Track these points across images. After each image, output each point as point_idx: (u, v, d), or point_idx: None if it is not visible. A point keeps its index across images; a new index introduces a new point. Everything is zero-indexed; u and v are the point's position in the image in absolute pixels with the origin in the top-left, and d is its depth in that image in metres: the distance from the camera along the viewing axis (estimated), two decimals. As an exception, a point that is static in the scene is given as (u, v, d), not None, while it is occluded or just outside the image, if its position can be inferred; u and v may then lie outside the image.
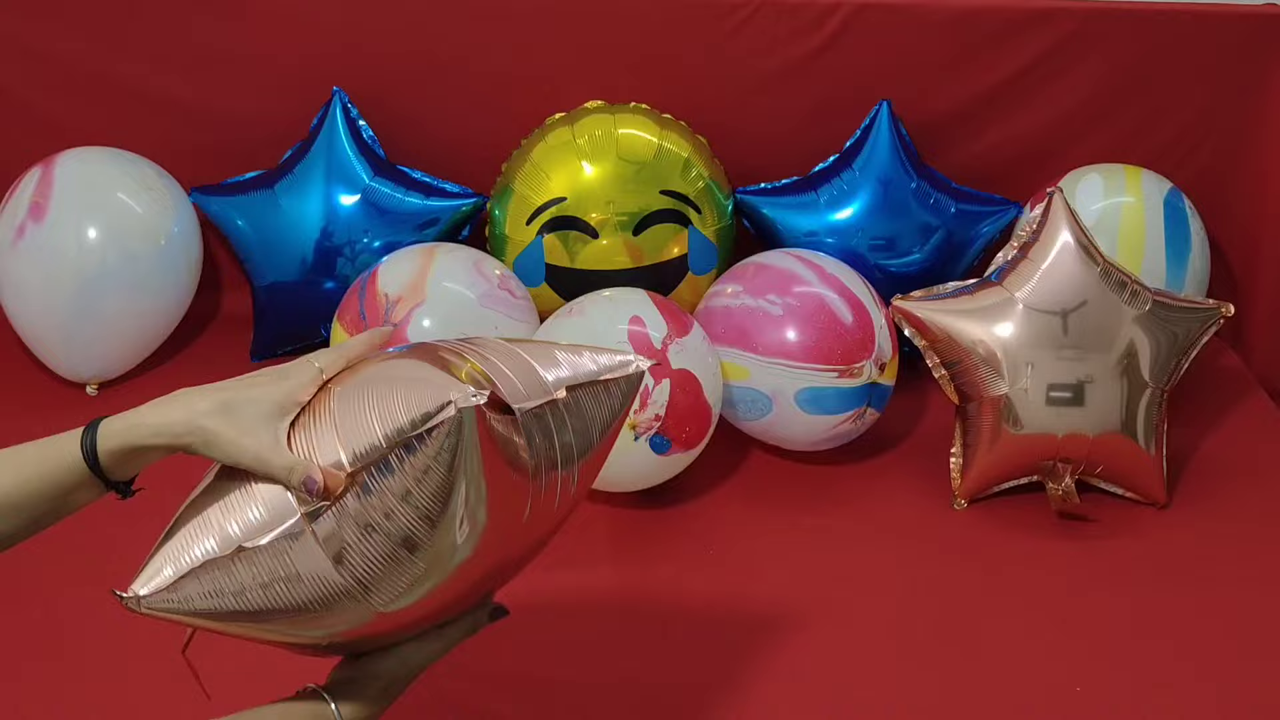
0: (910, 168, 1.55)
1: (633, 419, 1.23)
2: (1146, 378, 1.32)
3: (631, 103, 1.57)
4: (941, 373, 1.37)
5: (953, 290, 1.39)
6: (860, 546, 1.31)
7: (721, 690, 1.12)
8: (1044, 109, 1.63)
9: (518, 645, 1.16)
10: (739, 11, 1.56)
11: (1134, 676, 1.14)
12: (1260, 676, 1.15)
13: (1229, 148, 1.64)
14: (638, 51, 1.59)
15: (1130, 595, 1.24)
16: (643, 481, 1.32)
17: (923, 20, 1.57)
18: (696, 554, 1.30)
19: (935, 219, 1.55)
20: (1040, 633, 1.19)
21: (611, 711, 1.09)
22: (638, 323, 1.28)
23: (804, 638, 1.18)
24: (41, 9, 1.58)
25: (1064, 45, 1.58)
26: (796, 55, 1.58)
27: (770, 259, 1.46)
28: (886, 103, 1.55)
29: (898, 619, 1.21)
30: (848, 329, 1.35)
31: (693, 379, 1.27)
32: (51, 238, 1.45)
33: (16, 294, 1.49)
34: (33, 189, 1.48)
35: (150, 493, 0.76)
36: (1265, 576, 1.27)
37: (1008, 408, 1.32)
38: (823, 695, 1.12)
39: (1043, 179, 1.59)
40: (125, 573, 0.68)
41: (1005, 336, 1.32)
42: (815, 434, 1.38)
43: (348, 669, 0.76)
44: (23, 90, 1.62)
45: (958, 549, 1.32)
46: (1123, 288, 1.32)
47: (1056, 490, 1.32)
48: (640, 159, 1.48)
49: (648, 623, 1.20)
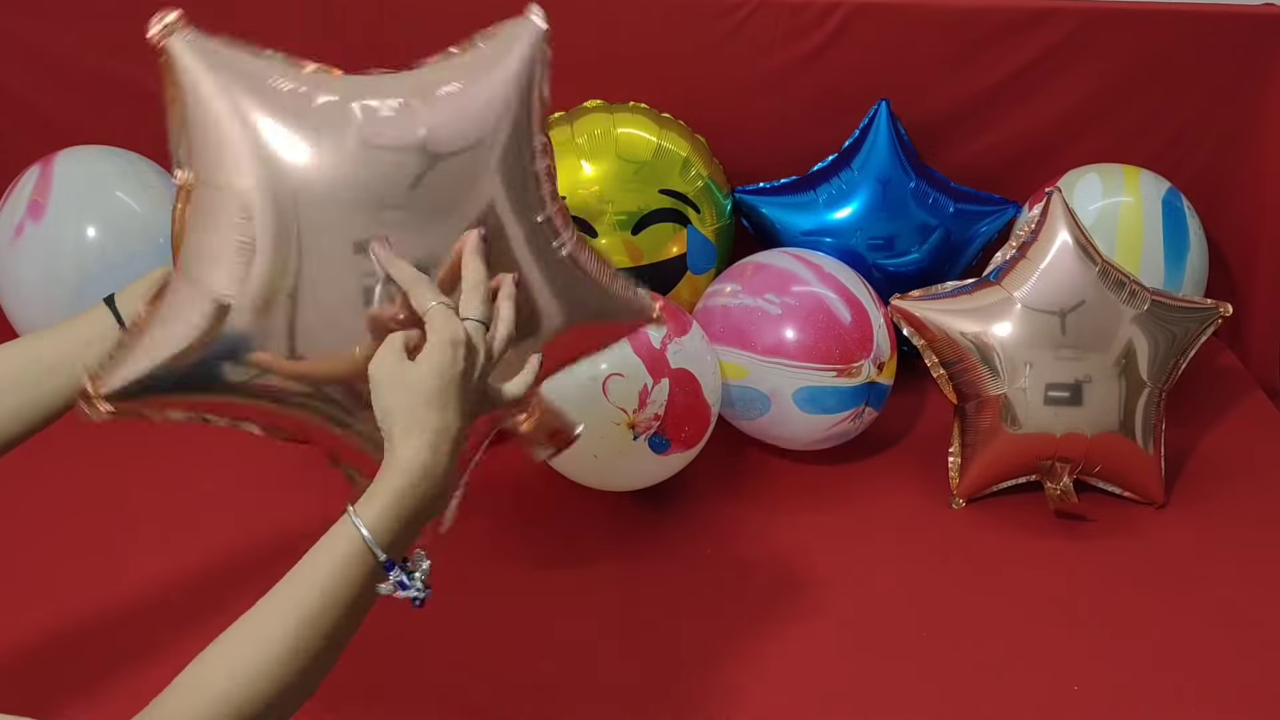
0: (909, 167, 1.55)
1: (631, 418, 1.23)
2: (1145, 377, 1.33)
3: (630, 102, 1.57)
4: (940, 372, 1.37)
5: (951, 290, 1.39)
6: (858, 545, 1.31)
7: (720, 689, 1.12)
8: (1043, 109, 1.63)
9: (516, 644, 1.16)
10: (738, 11, 1.56)
11: (1131, 676, 1.14)
12: (1259, 676, 1.15)
13: (1228, 148, 1.64)
14: (637, 51, 1.59)
15: (1128, 594, 1.25)
16: (641, 481, 1.32)
17: (922, 20, 1.57)
18: (695, 553, 1.30)
19: (934, 218, 1.55)
20: (1038, 632, 1.19)
21: (610, 711, 1.09)
22: (636, 322, 1.28)
23: (802, 637, 1.18)
24: (41, 7, 1.58)
25: (1063, 45, 1.58)
26: (795, 55, 1.58)
27: (769, 258, 1.46)
28: (885, 102, 1.55)
29: (895, 618, 1.21)
30: (846, 328, 1.35)
31: (691, 378, 1.27)
32: (50, 236, 1.45)
33: (15, 293, 1.49)
34: (31, 188, 1.47)
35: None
36: (1263, 576, 1.27)
37: (1006, 407, 1.32)
38: (821, 694, 1.12)
39: (1041, 179, 1.59)
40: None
41: (1004, 336, 1.32)
42: (813, 433, 1.38)
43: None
44: (22, 89, 1.62)
45: (956, 548, 1.32)
46: (1121, 287, 1.32)
47: (1055, 490, 1.32)
48: (639, 158, 1.48)
49: (646, 622, 1.20)
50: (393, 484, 0.71)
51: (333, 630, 0.69)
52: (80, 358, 0.85)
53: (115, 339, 0.81)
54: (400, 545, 0.72)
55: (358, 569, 0.70)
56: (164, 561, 1.22)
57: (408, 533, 0.72)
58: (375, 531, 0.70)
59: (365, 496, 0.72)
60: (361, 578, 0.70)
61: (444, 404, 0.72)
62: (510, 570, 1.25)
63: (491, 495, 1.36)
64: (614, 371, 1.23)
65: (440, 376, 0.72)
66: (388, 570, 0.71)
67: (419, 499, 0.72)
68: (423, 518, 0.73)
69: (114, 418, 0.74)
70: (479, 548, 1.28)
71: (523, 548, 1.29)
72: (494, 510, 1.34)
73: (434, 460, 0.72)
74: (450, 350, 0.73)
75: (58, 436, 1.43)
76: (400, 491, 0.71)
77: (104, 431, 1.44)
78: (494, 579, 1.24)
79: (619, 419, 1.22)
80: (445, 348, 0.73)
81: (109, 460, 1.39)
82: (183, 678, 0.67)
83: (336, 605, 0.69)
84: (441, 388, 0.72)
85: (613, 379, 1.23)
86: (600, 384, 1.22)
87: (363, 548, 0.70)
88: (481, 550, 1.28)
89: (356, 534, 0.70)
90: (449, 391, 0.73)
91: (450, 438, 0.73)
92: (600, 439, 1.23)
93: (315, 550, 0.71)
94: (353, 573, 0.70)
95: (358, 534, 0.70)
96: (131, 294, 0.89)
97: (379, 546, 0.70)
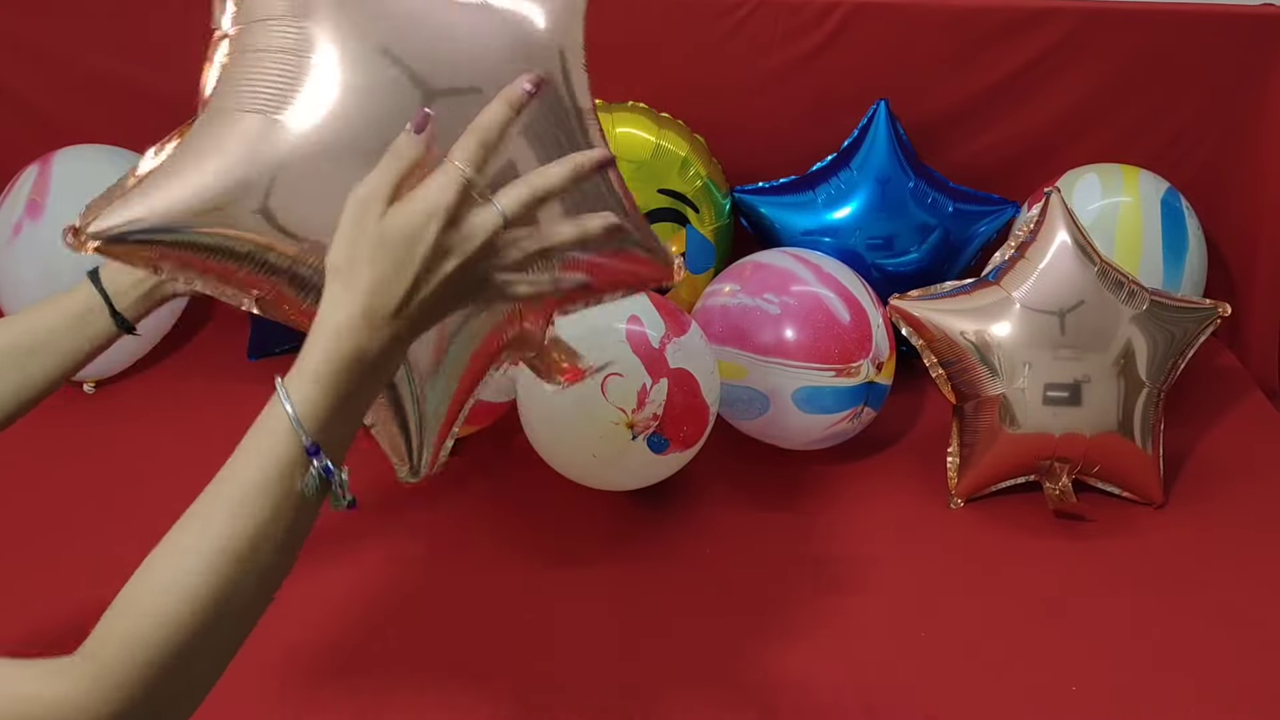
0: (908, 167, 1.55)
1: (630, 418, 1.23)
2: (1143, 377, 1.33)
3: (629, 101, 1.57)
4: (939, 372, 1.37)
5: (950, 290, 1.39)
6: (857, 545, 1.31)
7: (719, 689, 1.12)
8: (1042, 108, 1.63)
9: (515, 644, 1.16)
10: (737, 10, 1.56)
11: (1130, 676, 1.14)
12: (1257, 676, 1.15)
13: (1227, 148, 1.64)
14: (636, 50, 1.59)
15: (1127, 594, 1.25)
16: (640, 480, 1.32)
17: (921, 19, 1.57)
18: (694, 553, 1.30)
19: (933, 218, 1.55)
20: (1037, 632, 1.19)
21: (609, 711, 1.09)
22: (635, 322, 1.28)
23: (801, 636, 1.18)
24: (40, 7, 1.58)
25: (1062, 45, 1.58)
26: (794, 54, 1.58)
27: (768, 258, 1.46)
28: (884, 102, 1.55)
29: (894, 618, 1.21)
30: (845, 328, 1.35)
31: (690, 378, 1.27)
32: (49, 236, 1.45)
33: (14, 292, 1.49)
34: (30, 187, 1.47)
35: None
36: (1262, 576, 1.27)
37: (1005, 407, 1.32)
38: (819, 694, 1.11)
39: (1040, 178, 1.59)
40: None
41: (1002, 336, 1.32)
42: (812, 433, 1.38)
43: None
44: (20, 88, 1.62)
45: (954, 548, 1.32)
46: (1120, 287, 1.32)
47: (1053, 490, 1.32)
48: (638, 158, 1.48)
49: (645, 622, 1.20)
50: (317, 343, 0.62)
51: (259, 534, 0.60)
52: (66, 335, 0.83)
53: (101, 313, 0.80)
54: (331, 423, 0.62)
55: (284, 449, 0.61)
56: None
57: (340, 410, 0.62)
58: (302, 407, 0.61)
59: (294, 366, 0.62)
60: (287, 461, 0.61)
61: (395, 269, 0.62)
62: (509, 570, 1.25)
63: (491, 495, 1.36)
64: (613, 371, 1.23)
65: (407, 239, 0.62)
66: (310, 455, 0.61)
67: (346, 366, 0.62)
68: (357, 394, 0.63)
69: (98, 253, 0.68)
70: (478, 547, 1.28)
71: (522, 547, 1.29)
72: (493, 510, 1.34)
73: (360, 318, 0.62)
74: (425, 219, 0.62)
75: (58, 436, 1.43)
76: (327, 353, 0.61)
77: (103, 430, 1.44)
78: (493, 579, 1.24)
79: (618, 419, 1.22)
80: (421, 214, 0.62)
81: (109, 459, 1.39)
82: (117, 600, 0.60)
83: (260, 498, 0.60)
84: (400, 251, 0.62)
85: (611, 379, 1.23)
86: (599, 384, 1.22)
87: (287, 426, 0.60)
88: (481, 550, 1.28)
89: (281, 412, 0.61)
90: (407, 260, 0.62)
91: (387, 303, 0.62)
92: (599, 439, 1.23)
93: (249, 435, 0.62)
94: (278, 454, 0.60)
95: (282, 412, 0.61)
96: (117, 266, 0.82)
97: (304, 428, 0.61)
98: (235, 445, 0.63)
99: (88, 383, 1.53)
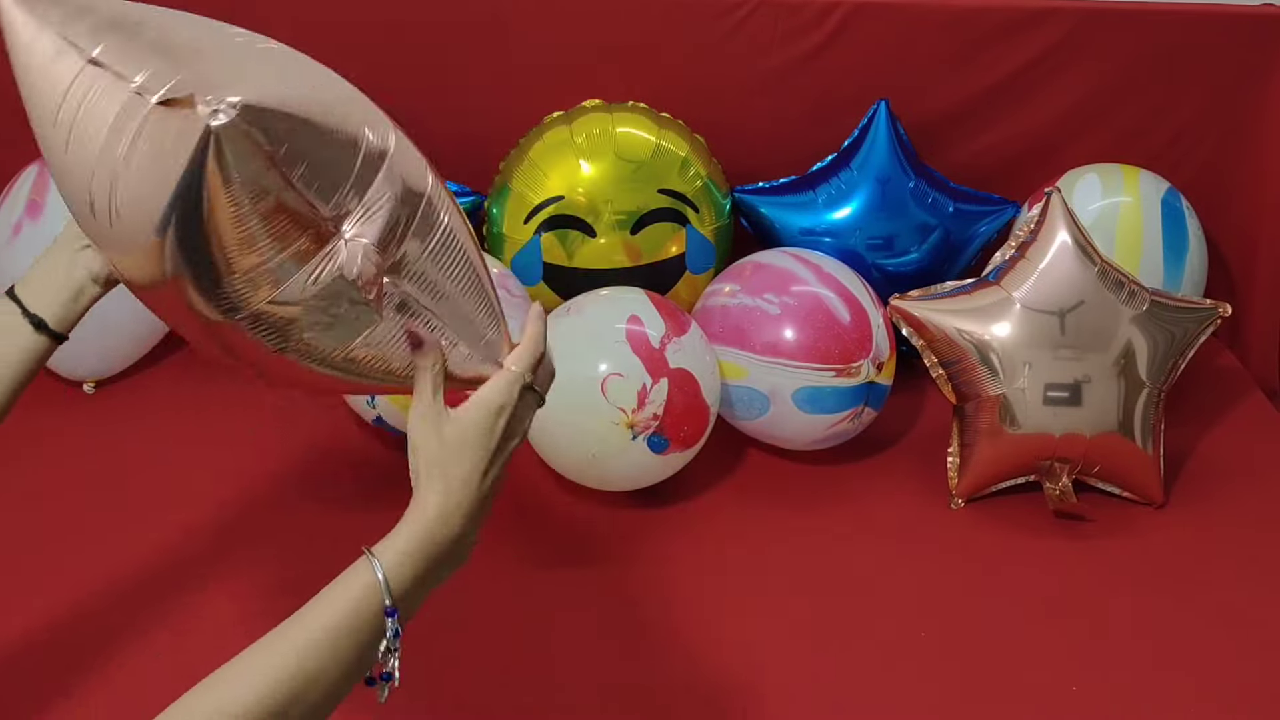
0: (908, 167, 1.55)
1: (630, 418, 1.23)
2: (1144, 377, 1.33)
3: (629, 101, 1.57)
4: (939, 372, 1.37)
5: (950, 290, 1.39)
6: (857, 545, 1.31)
7: (718, 689, 1.12)
8: (1042, 108, 1.63)
9: (513, 644, 1.16)
10: (737, 10, 1.56)
11: (1130, 676, 1.14)
12: (1257, 676, 1.15)
13: (1227, 148, 1.64)
14: (636, 50, 1.59)
15: (1127, 594, 1.25)
16: (640, 481, 1.32)
17: (921, 19, 1.57)
18: (694, 553, 1.30)
19: (933, 218, 1.55)
20: (1037, 632, 1.19)
21: (609, 711, 1.09)
22: (635, 322, 1.28)
23: (801, 636, 1.18)
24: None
25: (1062, 45, 1.58)
26: (795, 54, 1.58)
27: (768, 258, 1.46)
28: (885, 102, 1.55)
29: (893, 618, 1.21)
30: (845, 328, 1.35)
31: (690, 378, 1.27)
32: (48, 235, 1.42)
33: (13, 292, 1.49)
34: (29, 187, 1.47)
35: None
36: (1262, 576, 1.27)
37: (1005, 407, 1.32)
38: (819, 694, 1.12)
39: (1041, 179, 1.59)
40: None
41: (1003, 336, 1.32)
42: (812, 433, 1.38)
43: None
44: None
45: (955, 548, 1.32)
46: (1120, 287, 1.32)
47: (1054, 490, 1.32)
48: (638, 158, 1.48)
49: (645, 622, 1.20)
50: (413, 526, 0.71)
51: (331, 679, 0.67)
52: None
53: (21, 332, 0.80)
54: (411, 594, 0.71)
55: (367, 612, 0.68)
56: (163, 558, 1.22)
57: (421, 583, 0.71)
58: (391, 573, 0.69)
59: (386, 538, 0.71)
60: (369, 622, 0.68)
61: (475, 460, 0.73)
62: (508, 570, 1.25)
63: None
64: (613, 371, 1.23)
65: (481, 435, 0.74)
66: (389, 616, 0.69)
67: (436, 545, 0.72)
68: (437, 570, 0.72)
69: None
70: (476, 547, 1.28)
71: (521, 547, 1.29)
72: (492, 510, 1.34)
73: (454, 508, 0.73)
74: (494, 417, 0.74)
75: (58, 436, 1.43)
76: (420, 535, 0.71)
77: (103, 430, 1.44)
78: (492, 579, 1.24)
79: (618, 419, 1.22)
80: (490, 414, 0.74)
81: (109, 459, 1.39)
82: (172, 709, 0.65)
83: (338, 649, 0.67)
84: (477, 449, 0.74)
85: (611, 379, 1.23)
86: (599, 384, 1.22)
87: (375, 588, 0.68)
88: (479, 549, 1.28)
89: (371, 575, 0.68)
90: (482, 453, 0.74)
91: (472, 493, 0.74)
92: (599, 439, 1.23)
93: (328, 589, 0.69)
94: (362, 615, 0.68)
95: (372, 575, 0.68)
96: (34, 281, 0.86)
97: (389, 591, 0.69)
98: (235, 445, 0.63)
99: (88, 383, 1.53)
